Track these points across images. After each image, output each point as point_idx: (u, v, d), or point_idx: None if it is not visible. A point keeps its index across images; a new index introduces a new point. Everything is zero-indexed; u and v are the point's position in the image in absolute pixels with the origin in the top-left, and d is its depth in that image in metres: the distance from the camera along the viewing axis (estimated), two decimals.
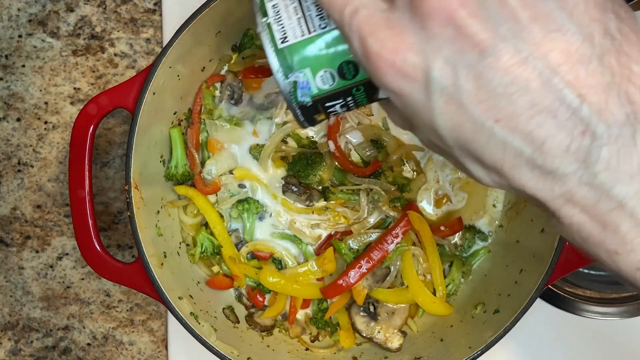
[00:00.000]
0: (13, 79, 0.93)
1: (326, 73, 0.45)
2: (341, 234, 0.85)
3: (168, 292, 0.75)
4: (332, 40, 0.44)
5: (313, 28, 0.44)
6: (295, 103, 0.46)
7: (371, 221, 0.85)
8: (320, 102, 0.46)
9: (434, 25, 0.35)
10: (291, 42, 0.44)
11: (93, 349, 0.95)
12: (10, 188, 0.94)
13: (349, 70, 0.44)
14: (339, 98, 0.46)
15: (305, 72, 0.45)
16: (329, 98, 0.46)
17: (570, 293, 0.91)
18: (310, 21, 0.44)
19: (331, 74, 0.45)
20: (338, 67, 0.44)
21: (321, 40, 0.44)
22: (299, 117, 0.47)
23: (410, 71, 0.36)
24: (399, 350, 0.83)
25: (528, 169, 0.36)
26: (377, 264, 0.82)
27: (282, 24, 0.45)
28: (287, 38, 0.44)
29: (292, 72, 0.45)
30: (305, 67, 0.45)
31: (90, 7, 0.92)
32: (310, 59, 0.44)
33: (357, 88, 0.45)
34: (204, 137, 0.86)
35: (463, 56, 0.34)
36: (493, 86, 0.34)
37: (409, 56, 0.36)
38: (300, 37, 0.44)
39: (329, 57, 0.44)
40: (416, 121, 0.39)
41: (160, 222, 0.81)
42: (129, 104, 0.73)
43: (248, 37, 0.85)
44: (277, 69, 0.45)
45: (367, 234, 0.84)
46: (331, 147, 0.85)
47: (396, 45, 0.36)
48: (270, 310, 0.85)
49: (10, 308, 0.95)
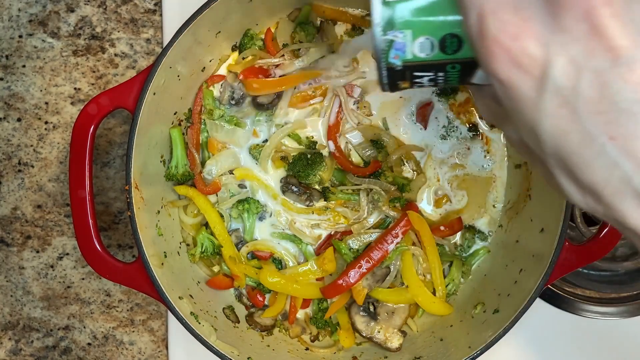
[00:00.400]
0: (13, 79, 0.93)
1: (427, 40, 0.41)
2: (341, 234, 0.85)
3: (168, 291, 0.75)
4: (446, 6, 0.40)
5: None
6: (384, 63, 0.43)
7: (371, 221, 0.85)
8: (410, 70, 0.43)
9: (567, 17, 0.31)
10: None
11: (93, 349, 0.95)
12: (11, 188, 0.94)
13: (452, 44, 0.41)
14: (430, 70, 0.43)
15: (405, 34, 0.41)
16: (421, 67, 0.43)
17: (569, 293, 0.92)
18: None
19: (431, 43, 0.41)
20: (441, 38, 0.41)
21: (434, 4, 0.40)
22: (383, 78, 0.44)
23: (526, 62, 0.33)
24: (398, 349, 0.83)
25: (635, 199, 0.32)
26: (377, 264, 0.82)
27: None
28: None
29: (392, 30, 0.41)
30: (407, 29, 0.41)
31: (91, 8, 0.93)
32: (415, 22, 0.41)
33: (453, 65, 0.42)
34: (204, 137, 0.86)
35: (592, 59, 0.31)
36: (618, 99, 0.31)
37: (530, 45, 0.33)
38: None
39: (436, 25, 0.41)
40: (515, 117, 0.36)
41: (160, 222, 0.81)
42: (130, 104, 0.73)
43: (248, 37, 0.85)
44: (377, 21, 0.41)
45: (367, 234, 0.84)
46: (331, 147, 0.85)
47: (518, 30, 0.33)
48: (270, 310, 0.85)
49: (10, 308, 0.95)
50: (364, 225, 0.85)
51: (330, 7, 0.86)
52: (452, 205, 0.87)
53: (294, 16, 0.86)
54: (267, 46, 0.85)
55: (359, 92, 0.86)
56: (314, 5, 0.85)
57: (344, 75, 0.86)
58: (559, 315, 0.91)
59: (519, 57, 0.33)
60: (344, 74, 0.86)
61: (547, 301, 0.91)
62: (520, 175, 0.84)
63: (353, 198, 0.85)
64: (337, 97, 0.85)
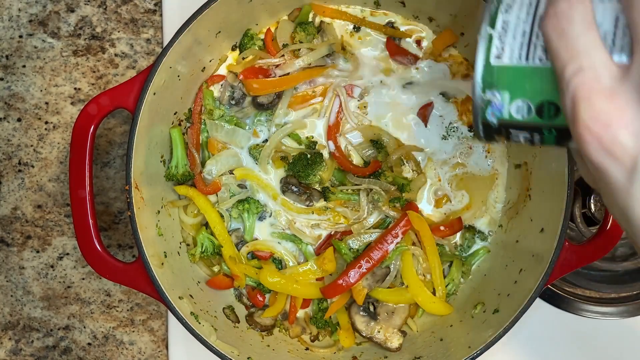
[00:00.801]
0: (14, 79, 0.93)
1: (523, 104, 0.43)
2: (341, 234, 0.85)
3: (168, 291, 0.75)
4: (545, 75, 0.42)
5: (532, 58, 0.42)
6: (481, 118, 0.45)
7: (371, 221, 0.85)
8: (506, 127, 0.44)
9: None
10: (504, 62, 0.43)
11: (93, 349, 0.95)
12: (11, 188, 0.94)
13: (549, 110, 0.42)
14: (526, 130, 0.44)
15: (503, 95, 0.43)
16: (517, 127, 0.44)
17: (569, 293, 0.92)
18: (533, 50, 0.42)
19: (528, 107, 0.43)
20: (539, 103, 0.42)
21: (533, 72, 0.42)
22: (479, 131, 0.46)
23: (617, 151, 0.34)
24: (398, 349, 0.83)
25: None
26: (377, 264, 0.82)
27: (504, 41, 0.43)
28: (501, 56, 0.43)
29: (490, 90, 0.44)
30: (504, 90, 0.43)
31: (91, 8, 0.93)
32: (514, 85, 0.43)
33: (549, 130, 0.43)
34: (204, 137, 0.86)
35: None
36: None
37: (621, 134, 0.33)
38: (515, 61, 0.43)
39: (533, 91, 0.42)
40: (608, 196, 0.37)
41: (160, 222, 0.81)
42: (130, 104, 0.73)
43: (248, 37, 0.85)
44: (478, 80, 0.44)
45: (367, 234, 0.84)
46: (331, 147, 0.85)
47: (610, 120, 0.34)
48: (271, 310, 0.85)
49: (10, 308, 0.95)
50: (364, 225, 0.85)
51: (331, 7, 0.86)
52: (452, 205, 0.87)
53: (294, 16, 0.86)
54: (267, 46, 0.85)
55: (359, 92, 0.86)
56: (314, 5, 0.85)
57: (344, 75, 0.86)
58: (559, 315, 0.91)
59: (610, 146, 0.34)
60: (344, 75, 0.86)
61: (547, 301, 0.91)
62: (520, 175, 0.84)
63: (353, 198, 0.85)
64: (337, 97, 0.85)
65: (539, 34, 0.42)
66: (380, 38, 0.86)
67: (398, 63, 0.86)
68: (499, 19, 0.44)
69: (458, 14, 0.80)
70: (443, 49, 0.86)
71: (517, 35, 0.43)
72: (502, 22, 0.44)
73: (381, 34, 0.86)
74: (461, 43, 0.85)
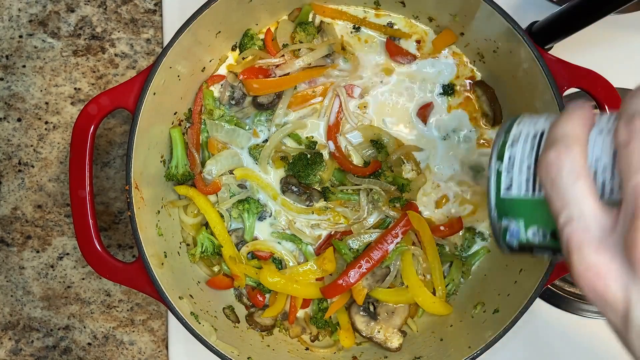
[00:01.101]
0: (14, 79, 0.93)
1: (538, 231, 0.45)
2: (341, 234, 0.85)
3: (168, 291, 0.75)
4: None
5: (538, 190, 0.44)
6: (502, 241, 0.47)
7: (371, 221, 0.85)
8: (527, 247, 0.46)
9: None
10: (514, 195, 0.45)
11: (93, 349, 0.95)
12: (11, 188, 0.94)
13: None
14: (546, 250, 0.46)
15: (518, 222, 0.45)
16: (537, 248, 0.46)
17: (569, 293, 0.92)
18: (539, 184, 0.44)
19: (543, 233, 0.44)
20: (553, 230, 0.44)
21: (542, 203, 0.43)
22: (504, 250, 0.48)
23: (611, 299, 0.36)
24: (398, 349, 0.83)
25: None
26: (377, 264, 0.82)
27: (512, 175, 0.45)
28: (511, 189, 0.45)
29: (506, 218, 0.46)
30: (519, 218, 0.45)
31: (91, 8, 0.93)
32: (527, 215, 0.45)
33: None
34: (204, 137, 0.86)
35: None
36: None
37: (611, 286, 0.36)
38: (523, 194, 0.45)
39: (545, 220, 0.44)
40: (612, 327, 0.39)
41: (160, 222, 0.81)
42: (130, 104, 0.73)
43: (248, 37, 0.85)
44: (493, 211, 0.46)
45: (367, 234, 0.84)
46: (331, 147, 0.85)
47: (600, 273, 0.36)
48: (271, 310, 0.85)
49: (11, 308, 0.95)
50: (364, 225, 0.85)
51: (331, 7, 0.86)
52: (452, 205, 0.87)
53: (294, 16, 0.86)
54: (267, 46, 0.85)
55: (359, 92, 0.86)
56: (314, 5, 0.85)
57: (344, 75, 0.86)
58: (559, 315, 0.91)
59: (604, 294, 0.36)
60: (344, 74, 0.86)
61: (547, 301, 0.91)
62: None
63: (353, 198, 0.85)
64: (337, 97, 0.85)
65: None
66: (380, 38, 0.86)
67: (398, 63, 0.86)
68: (506, 153, 0.46)
69: (458, 14, 0.80)
70: (443, 48, 0.86)
71: (523, 169, 0.45)
72: (509, 156, 0.45)
73: (381, 34, 0.86)
74: (461, 43, 0.85)
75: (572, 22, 0.74)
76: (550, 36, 0.77)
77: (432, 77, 0.86)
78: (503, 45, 0.78)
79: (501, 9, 0.73)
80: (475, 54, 0.84)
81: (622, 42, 0.90)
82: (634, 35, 0.90)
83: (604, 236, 0.36)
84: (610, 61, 0.85)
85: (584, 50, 0.86)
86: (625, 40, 0.90)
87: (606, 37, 0.89)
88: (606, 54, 0.89)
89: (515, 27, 0.72)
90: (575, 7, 0.72)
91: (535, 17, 0.81)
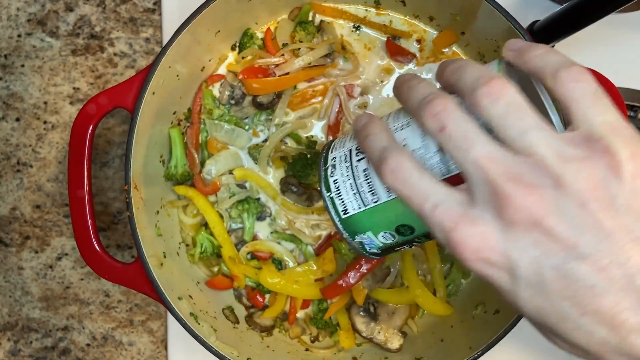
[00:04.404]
0: (12, 79, 0.93)
1: (386, 234, 0.50)
2: None
3: (167, 292, 0.74)
4: (385, 210, 0.49)
5: (367, 202, 0.49)
6: (366, 253, 0.54)
7: None
8: (388, 249, 0.53)
9: (519, 229, 0.37)
10: (351, 213, 0.51)
11: (92, 350, 0.95)
12: (10, 188, 0.94)
13: (405, 230, 0.49)
14: (404, 245, 0.52)
15: (368, 234, 0.51)
16: (395, 247, 0.52)
17: None
18: (364, 196, 0.49)
19: (390, 234, 0.50)
20: (395, 229, 0.49)
21: (375, 211, 0.49)
22: (373, 258, 0.55)
23: (495, 262, 0.39)
24: (399, 350, 0.83)
25: (616, 353, 0.38)
26: (377, 265, 0.82)
27: (342, 198, 0.51)
28: (347, 210, 0.51)
29: (357, 235, 0.52)
30: (366, 231, 0.51)
31: (90, 7, 0.92)
32: (369, 225, 0.50)
33: (418, 239, 0.51)
34: (203, 137, 0.86)
35: (549, 258, 0.37)
36: (579, 286, 0.37)
37: (493, 255, 0.38)
38: (357, 209, 0.50)
39: (385, 223, 0.49)
40: (501, 295, 0.42)
41: (159, 222, 0.81)
42: (129, 104, 0.73)
43: (248, 36, 0.84)
44: (344, 234, 0.53)
45: None
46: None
47: (480, 242, 0.39)
48: (270, 311, 0.85)
49: (9, 308, 0.95)
50: None
51: (331, 6, 0.85)
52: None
53: (294, 15, 0.86)
54: (266, 45, 0.85)
55: (359, 92, 0.86)
56: (314, 4, 0.85)
57: (344, 75, 0.85)
58: None
59: (488, 259, 0.39)
60: (344, 74, 0.85)
61: None
62: None
63: None
64: (337, 97, 0.85)
65: (361, 183, 0.49)
66: (380, 37, 0.86)
67: (398, 62, 0.86)
68: (330, 182, 0.51)
69: (459, 13, 0.80)
70: (444, 48, 0.86)
71: (348, 190, 0.50)
72: (333, 182, 0.51)
73: (381, 33, 0.86)
74: (462, 42, 0.85)
75: (573, 21, 0.74)
76: (551, 35, 0.77)
77: (432, 78, 0.86)
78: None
79: (502, 8, 0.72)
80: (476, 54, 0.84)
81: (623, 41, 0.90)
82: (635, 35, 0.90)
83: (469, 211, 0.39)
84: (611, 60, 0.85)
85: (585, 49, 0.86)
86: (626, 39, 0.90)
87: (607, 37, 0.89)
88: (607, 53, 0.89)
89: (517, 26, 0.72)
90: (576, 7, 0.72)
91: (536, 17, 0.81)
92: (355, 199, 0.50)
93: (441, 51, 0.85)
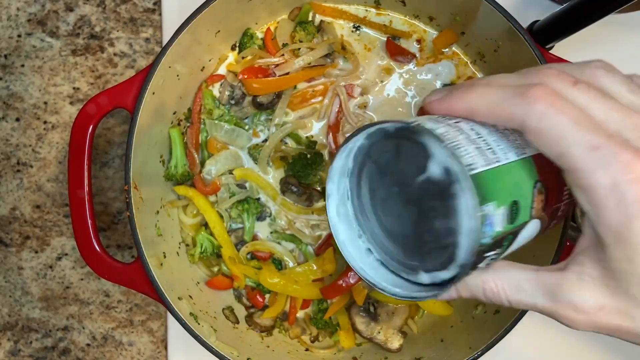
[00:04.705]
0: (12, 79, 0.93)
1: (505, 210, 0.40)
2: None
3: (167, 292, 0.74)
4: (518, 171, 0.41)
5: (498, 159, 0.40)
6: (477, 246, 0.39)
7: None
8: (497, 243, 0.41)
9: None
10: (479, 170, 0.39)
11: (92, 350, 0.95)
12: (10, 188, 0.94)
13: (516, 211, 0.41)
14: (496, 248, 0.41)
15: (493, 205, 0.39)
16: (495, 244, 0.41)
17: None
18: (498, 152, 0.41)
19: (505, 213, 0.40)
20: (510, 205, 0.40)
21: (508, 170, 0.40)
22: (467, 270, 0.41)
23: None
24: (399, 350, 0.83)
25: None
26: None
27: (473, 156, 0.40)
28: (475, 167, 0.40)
29: (486, 203, 0.38)
30: (493, 200, 0.39)
31: (90, 7, 0.92)
32: (497, 190, 0.39)
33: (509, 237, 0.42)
34: (203, 137, 0.85)
35: None
36: None
37: None
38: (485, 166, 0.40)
39: (508, 192, 0.40)
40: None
41: (159, 222, 0.81)
42: (129, 104, 0.73)
43: (248, 36, 0.84)
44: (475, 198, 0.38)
45: None
46: (331, 147, 0.85)
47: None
48: (270, 311, 0.85)
49: (9, 308, 0.95)
50: None
51: (331, 6, 0.85)
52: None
53: (294, 15, 0.86)
54: (266, 45, 0.85)
55: (359, 92, 0.85)
56: (314, 4, 0.85)
57: (344, 75, 0.85)
58: None
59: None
60: (344, 74, 0.85)
61: None
62: None
63: None
64: (337, 97, 0.85)
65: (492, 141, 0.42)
66: (380, 37, 0.86)
67: (398, 62, 0.86)
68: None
69: (459, 13, 0.80)
70: (444, 48, 0.86)
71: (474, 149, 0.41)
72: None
73: (381, 33, 0.86)
74: (462, 42, 0.85)
75: (573, 21, 0.74)
76: (552, 35, 0.77)
77: (432, 78, 0.86)
78: (504, 45, 0.77)
79: (502, 8, 0.72)
80: (476, 54, 0.84)
81: (623, 41, 0.90)
82: (635, 35, 0.90)
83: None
84: (611, 60, 0.84)
85: (585, 49, 0.86)
86: (626, 39, 0.90)
87: (607, 37, 0.89)
88: (607, 53, 0.88)
89: (517, 26, 0.72)
90: (577, 7, 0.72)
91: (536, 17, 0.81)
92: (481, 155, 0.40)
93: (441, 51, 0.85)
